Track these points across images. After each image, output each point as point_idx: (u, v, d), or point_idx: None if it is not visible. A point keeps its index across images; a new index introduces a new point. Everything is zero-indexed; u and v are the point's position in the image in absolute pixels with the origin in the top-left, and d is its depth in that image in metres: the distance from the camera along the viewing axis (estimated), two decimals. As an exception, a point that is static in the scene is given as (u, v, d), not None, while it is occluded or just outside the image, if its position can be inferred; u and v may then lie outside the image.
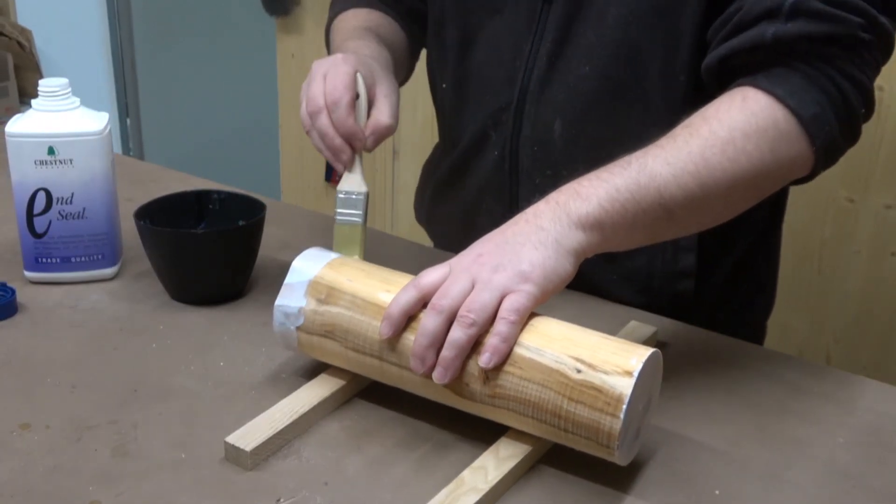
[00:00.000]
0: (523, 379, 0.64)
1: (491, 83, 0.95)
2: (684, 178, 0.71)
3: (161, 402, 0.73)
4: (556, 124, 0.91)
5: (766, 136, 0.72)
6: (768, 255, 1.02)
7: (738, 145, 0.72)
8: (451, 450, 0.68)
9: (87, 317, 0.87)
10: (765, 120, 0.73)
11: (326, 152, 0.85)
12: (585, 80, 0.88)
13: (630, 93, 0.87)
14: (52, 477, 0.64)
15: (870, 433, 0.72)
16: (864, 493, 0.65)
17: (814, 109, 0.73)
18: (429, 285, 0.68)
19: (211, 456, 0.67)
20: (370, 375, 0.73)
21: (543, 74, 0.90)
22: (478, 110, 0.97)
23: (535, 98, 0.91)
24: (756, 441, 0.70)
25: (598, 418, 0.62)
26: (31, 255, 0.91)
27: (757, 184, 0.74)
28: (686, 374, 0.78)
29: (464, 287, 0.66)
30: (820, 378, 0.79)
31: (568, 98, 0.89)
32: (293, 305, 0.73)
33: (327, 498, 0.63)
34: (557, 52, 0.88)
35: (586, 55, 0.87)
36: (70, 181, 0.89)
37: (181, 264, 0.88)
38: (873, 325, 1.74)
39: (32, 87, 2.22)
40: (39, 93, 0.89)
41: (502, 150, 0.95)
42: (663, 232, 0.75)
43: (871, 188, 1.67)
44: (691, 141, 0.72)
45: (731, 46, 0.77)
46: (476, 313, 0.65)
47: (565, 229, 0.69)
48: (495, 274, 0.66)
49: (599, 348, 0.64)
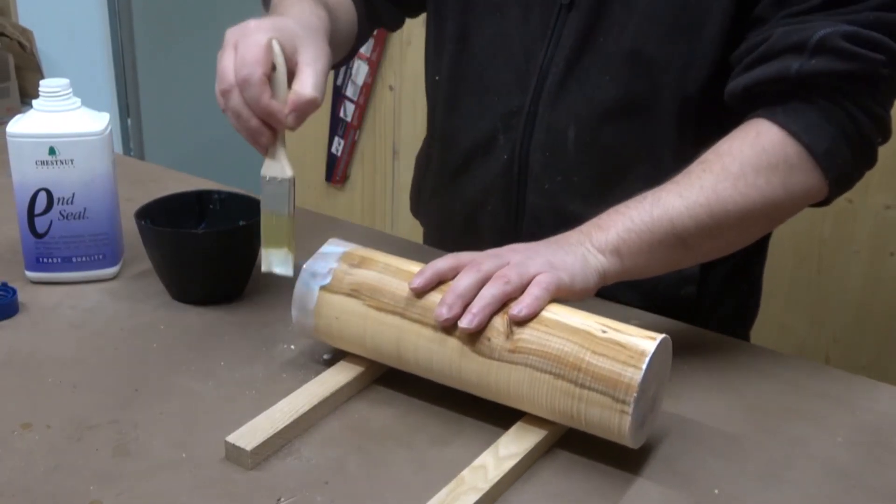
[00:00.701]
0: (548, 333, 0.66)
1: (497, 85, 0.94)
2: (696, 210, 0.75)
3: (162, 402, 0.73)
4: (570, 131, 0.91)
5: (777, 171, 0.76)
6: (760, 254, 1.03)
7: (749, 180, 0.75)
8: (451, 449, 0.68)
9: (87, 317, 0.87)
10: (776, 156, 0.76)
11: (244, 133, 0.77)
12: (603, 89, 0.88)
13: (645, 105, 0.88)
14: (53, 476, 0.64)
15: (869, 433, 0.72)
16: (862, 492, 0.65)
17: (827, 144, 0.76)
18: (466, 258, 0.72)
19: (211, 455, 0.67)
20: (381, 342, 0.72)
21: (559, 81, 0.90)
22: (483, 111, 0.96)
23: (548, 104, 0.91)
24: (755, 440, 0.71)
25: (620, 370, 0.63)
26: (32, 255, 0.92)
27: (769, 214, 0.78)
28: (686, 374, 0.79)
29: (499, 262, 0.71)
30: (819, 378, 0.80)
31: (584, 106, 0.89)
32: (324, 266, 0.75)
33: (328, 497, 0.63)
34: (575, 59, 0.88)
35: (605, 65, 0.87)
36: (71, 181, 0.90)
37: (182, 264, 0.88)
38: (872, 325, 1.74)
39: (33, 87, 2.22)
40: (40, 93, 0.90)
41: (511, 153, 0.94)
42: (681, 259, 0.79)
43: (870, 189, 1.67)
44: (704, 176, 0.76)
45: (755, 77, 0.79)
46: (511, 276, 0.69)
47: (591, 251, 0.74)
48: (530, 260, 0.71)
49: (622, 323, 0.68)
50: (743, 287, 1.02)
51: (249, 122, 0.75)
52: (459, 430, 0.70)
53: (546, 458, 0.68)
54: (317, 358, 0.80)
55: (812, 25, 0.76)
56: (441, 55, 0.99)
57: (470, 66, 0.96)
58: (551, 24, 0.89)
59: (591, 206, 0.81)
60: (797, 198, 0.78)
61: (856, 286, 1.74)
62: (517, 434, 0.68)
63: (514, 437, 0.67)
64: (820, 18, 0.76)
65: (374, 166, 2.44)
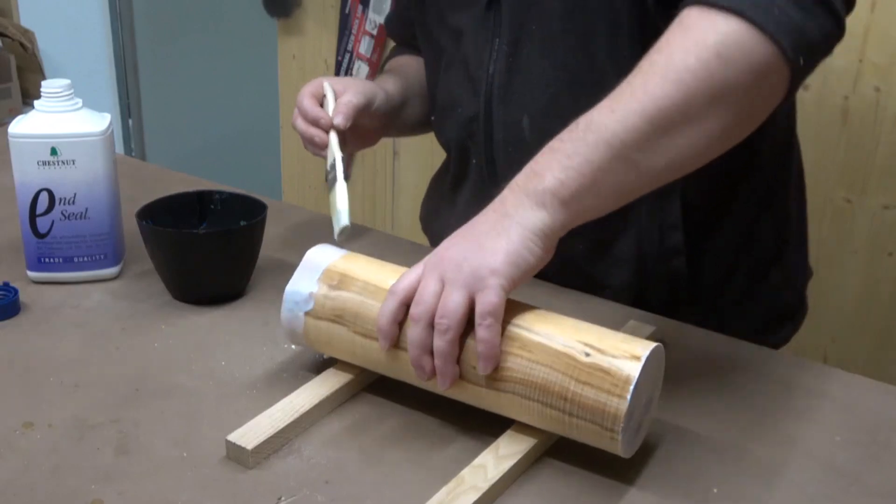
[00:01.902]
0: (531, 361, 0.65)
1: (459, 99, 0.98)
2: (630, 120, 0.66)
3: (163, 401, 0.74)
4: (525, 122, 0.93)
5: (708, 47, 0.66)
6: (779, 223, 0.98)
7: (679, 66, 0.66)
8: (451, 448, 0.69)
9: (89, 316, 0.87)
10: (702, 31, 0.67)
11: (308, 146, 0.96)
12: (544, 73, 0.90)
13: (586, 79, 0.89)
14: (55, 475, 0.65)
15: (866, 432, 0.72)
16: (860, 490, 0.66)
17: (763, 3, 0.66)
18: (405, 291, 0.69)
19: (212, 454, 0.67)
20: (375, 365, 0.73)
21: (504, 77, 0.92)
22: (452, 126, 1.00)
23: (499, 101, 0.93)
24: (754, 439, 0.71)
25: (605, 400, 0.62)
26: (34, 255, 0.92)
27: (721, 100, 0.67)
28: (684, 373, 0.79)
29: (435, 289, 0.67)
30: (817, 377, 0.80)
31: (531, 94, 0.91)
32: (304, 291, 0.74)
33: (328, 496, 0.63)
34: (513, 52, 0.91)
35: (540, 50, 0.90)
36: (72, 182, 0.90)
37: (183, 264, 0.89)
38: (870, 324, 1.74)
39: (35, 88, 2.22)
40: (42, 94, 0.90)
41: (480, 158, 0.98)
42: (634, 185, 0.69)
43: (868, 188, 1.67)
44: (633, 80, 0.68)
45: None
46: (449, 318, 0.65)
47: (528, 211, 0.67)
48: (460, 272, 0.66)
49: (607, 336, 0.65)
50: (752, 259, 0.96)
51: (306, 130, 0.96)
52: (459, 430, 0.71)
53: (545, 458, 0.68)
54: (317, 357, 0.80)
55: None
56: (431, 95, 1.05)
57: (447, 92, 1.00)
58: (489, 27, 0.92)
59: None
60: (745, 72, 0.66)
61: (854, 286, 1.74)
62: (517, 434, 0.68)
63: (514, 436, 0.68)
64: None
65: (375, 167, 2.44)
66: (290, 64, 2.56)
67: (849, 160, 1.68)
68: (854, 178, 1.68)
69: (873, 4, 1.58)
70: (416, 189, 2.39)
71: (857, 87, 1.63)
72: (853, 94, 1.63)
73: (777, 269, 0.99)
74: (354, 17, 2.38)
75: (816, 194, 1.71)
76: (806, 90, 1.66)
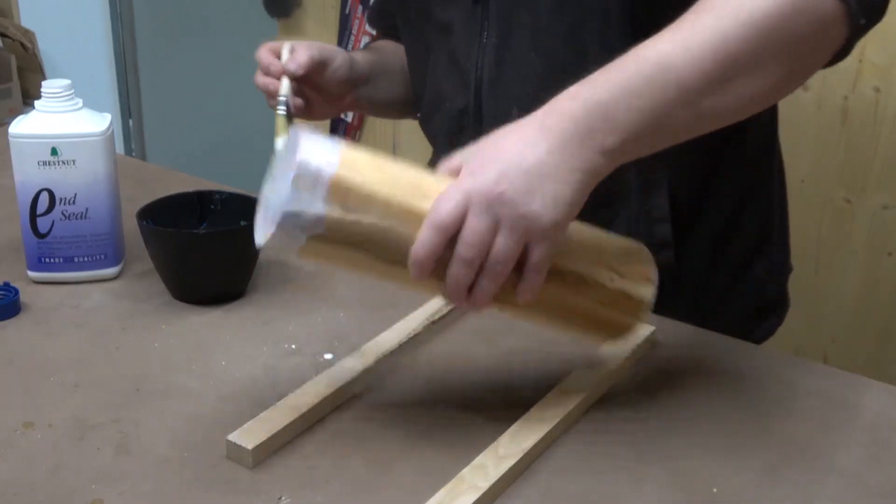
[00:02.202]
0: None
1: (448, 93, 0.98)
2: (703, 64, 0.65)
3: (163, 401, 0.74)
4: (514, 114, 0.92)
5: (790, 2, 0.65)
6: (762, 216, 1.00)
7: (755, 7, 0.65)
8: (451, 448, 0.69)
9: (89, 316, 0.87)
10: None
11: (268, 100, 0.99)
12: (532, 66, 0.91)
13: (575, 71, 0.87)
14: (55, 475, 0.65)
15: (866, 432, 0.72)
16: (860, 491, 0.66)
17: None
18: (450, 224, 0.62)
19: (213, 454, 0.67)
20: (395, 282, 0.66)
21: (493, 70, 0.93)
22: (442, 121, 1.00)
23: (489, 94, 0.94)
24: (753, 439, 0.71)
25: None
26: (35, 255, 0.92)
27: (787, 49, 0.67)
28: (684, 373, 0.79)
29: (487, 230, 0.62)
30: (817, 377, 0.80)
31: (520, 86, 0.92)
32: (311, 212, 0.60)
33: (328, 496, 0.63)
34: (502, 44, 0.92)
35: (529, 42, 0.90)
36: (73, 182, 0.90)
37: (183, 264, 0.89)
38: (870, 324, 1.74)
39: (35, 88, 2.23)
40: (42, 94, 0.90)
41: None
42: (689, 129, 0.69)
43: (868, 189, 1.68)
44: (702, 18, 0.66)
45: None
46: (503, 264, 0.62)
47: (591, 156, 0.64)
48: (521, 219, 0.62)
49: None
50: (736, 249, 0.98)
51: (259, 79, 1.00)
52: (459, 430, 0.71)
53: (545, 458, 0.68)
54: (318, 357, 0.80)
55: None
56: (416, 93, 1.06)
57: (435, 88, 1.01)
58: (477, 21, 0.93)
59: None
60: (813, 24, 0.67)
61: (854, 286, 1.74)
62: (517, 433, 0.68)
63: (514, 436, 0.68)
64: None
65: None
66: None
67: (848, 160, 1.68)
68: (854, 178, 1.68)
69: (873, 5, 1.58)
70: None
71: (857, 87, 1.63)
72: (853, 94, 1.64)
73: (760, 261, 1.01)
74: (354, 18, 2.38)
75: (816, 194, 1.72)
76: (806, 90, 1.66)
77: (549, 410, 0.70)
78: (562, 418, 0.70)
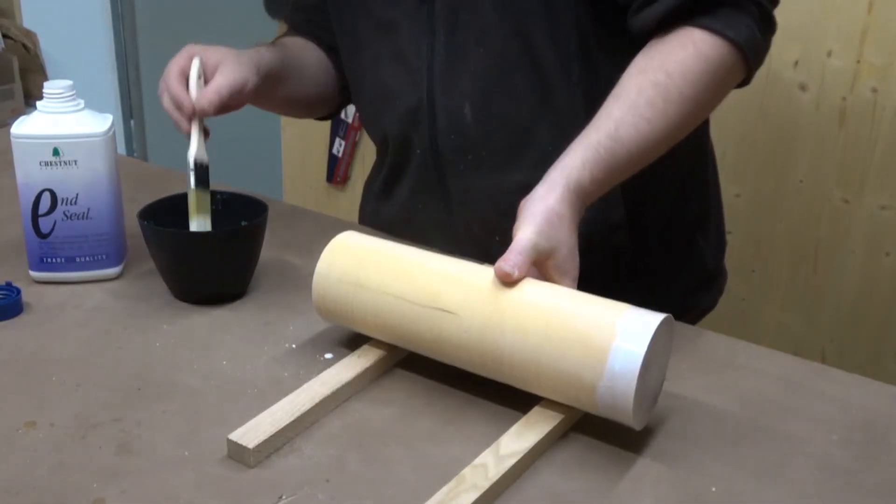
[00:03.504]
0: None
1: (398, 91, 0.99)
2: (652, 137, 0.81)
3: (164, 400, 0.74)
4: (466, 109, 0.95)
5: (717, 75, 0.83)
6: (699, 193, 1.07)
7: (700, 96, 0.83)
8: (451, 447, 0.69)
9: (91, 316, 0.87)
10: (716, 63, 0.83)
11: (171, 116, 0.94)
12: (481, 60, 0.93)
13: (523, 64, 0.92)
14: (57, 474, 0.65)
15: (864, 430, 0.73)
16: (857, 489, 0.66)
17: (746, 34, 0.84)
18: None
19: (214, 453, 0.68)
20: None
21: (444, 67, 0.95)
22: (392, 118, 1.01)
23: (441, 91, 0.96)
24: (752, 438, 0.71)
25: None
26: (36, 255, 0.92)
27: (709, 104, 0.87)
28: (682, 371, 0.79)
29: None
30: (815, 376, 0.80)
31: (471, 81, 0.94)
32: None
33: (329, 494, 0.63)
34: (451, 42, 0.93)
35: (476, 37, 0.92)
36: (75, 182, 0.90)
37: (184, 264, 0.89)
38: (867, 324, 1.74)
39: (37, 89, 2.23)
40: (44, 95, 0.90)
41: (424, 147, 1.00)
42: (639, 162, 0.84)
43: (865, 189, 1.68)
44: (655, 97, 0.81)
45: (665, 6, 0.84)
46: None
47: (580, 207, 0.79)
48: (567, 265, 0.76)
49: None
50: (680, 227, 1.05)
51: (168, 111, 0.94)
52: (460, 429, 0.71)
53: (546, 457, 0.68)
54: (318, 357, 0.81)
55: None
56: (361, 87, 1.06)
57: (383, 85, 1.01)
58: (424, 19, 0.94)
59: (506, 176, 0.94)
60: (728, 87, 0.87)
61: (851, 286, 1.74)
62: (518, 433, 0.68)
63: (515, 435, 0.68)
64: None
65: (365, 170, 2.44)
66: (291, 65, 2.56)
67: (846, 161, 1.68)
68: (851, 178, 1.68)
69: (871, 6, 1.58)
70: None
71: (855, 87, 1.63)
72: (851, 94, 1.64)
73: (701, 237, 1.08)
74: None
75: (814, 194, 1.72)
76: (804, 91, 1.66)
77: (550, 410, 0.71)
78: (563, 418, 0.70)
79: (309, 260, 0.79)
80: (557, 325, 0.67)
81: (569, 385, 0.67)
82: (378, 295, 0.75)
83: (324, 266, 0.78)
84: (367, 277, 0.76)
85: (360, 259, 0.77)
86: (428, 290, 0.73)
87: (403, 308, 0.74)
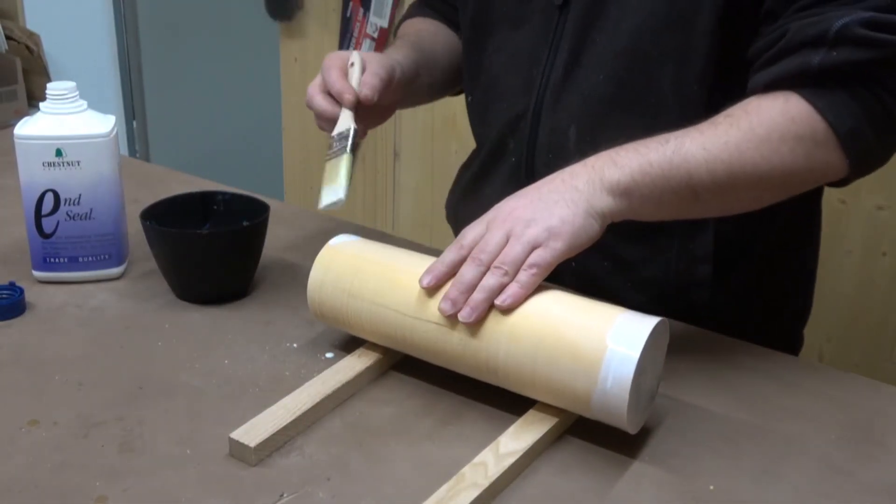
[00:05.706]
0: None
1: (509, 92, 0.96)
2: (716, 165, 0.74)
3: (166, 399, 0.74)
4: (571, 131, 0.91)
5: (802, 143, 0.75)
6: (796, 262, 1.01)
7: (774, 146, 0.75)
8: (451, 446, 0.69)
9: (93, 316, 0.88)
10: (803, 127, 0.75)
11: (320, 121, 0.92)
12: (599, 87, 0.88)
13: (643, 101, 0.87)
14: (60, 472, 0.65)
15: (861, 430, 0.73)
16: (856, 488, 0.66)
17: (851, 124, 0.75)
18: (470, 242, 0.74)
19: (215, 452, 0.68)
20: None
21: (559, 82, 0.91)
22: (496, 118, 0.98)
23: (550, 106, 0.92)
24: (750, 437, 0.71)
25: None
26: (39, 255, 0.93)
27: (786, 182, 0.78)
28: (680, 371, 0.79)
29: (499, 240, 0.73)
30: (813, 376, 0.80)
31: (582, 106, 0.90)
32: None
33: (330, 493, 0.64)
34: (572, 60, 0.89)
35: (600, 64, 0.88)
36: (77, 182, 0.91)
37: (186, 264, 0.89)
38: (865, 324, 1.74)
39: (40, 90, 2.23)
40: (47, 96, 0.91)
41: (519, 156, 0.96)
42: (688, 211, 0.78)
43: (862, 189, 1.68)
44: (730, 131, 0.75)
45: (777, 72, 0.78)
46: (508, 265, 0.71)
47: (597, 192, 0.74)
48: (528, 228, 0.72)
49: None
50: (769, 293, 0.98)
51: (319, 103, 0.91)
52: (460, 428, 0.71)
53: (545, 456, 0.69)
54: (319, 356, 0.81)
55: (828, 17, 0.75)
56: (476, 76, 1.02)
57: (495, 80, 0.98)
58: (552, 29, 0.91)
59: None
60: (816, 172, 0.78)
61: (849, 286, 1.74)
62: (517, 432, 0.69)
63: (515, 434, 0.68)
64: (833, 9, 0.75)
65: (376, 168, 2.45)
66: (293, 66, 2.57)
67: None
68: (850, 179, 1.68)
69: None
70: (416, 190, 2.40)
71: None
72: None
73: (788, 307, 1.01)
74: (356, 21, 2.39)
75: (814, 195, 1.72)
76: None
77: (550, 409, 0.71)
78: (562, 417, 0.70)
79: (310, 260, 0.79)
80: (550, 335, 0.68)
81: (563, 393, 0.68)
82: (371, 305, 0.75)
83: (318, 273, 0.78)
84: (360, 287, 0.76)
85: (353, 267, 0.77)
86: (420, 301, 0.73)
87: (396, 319, 0.74)
